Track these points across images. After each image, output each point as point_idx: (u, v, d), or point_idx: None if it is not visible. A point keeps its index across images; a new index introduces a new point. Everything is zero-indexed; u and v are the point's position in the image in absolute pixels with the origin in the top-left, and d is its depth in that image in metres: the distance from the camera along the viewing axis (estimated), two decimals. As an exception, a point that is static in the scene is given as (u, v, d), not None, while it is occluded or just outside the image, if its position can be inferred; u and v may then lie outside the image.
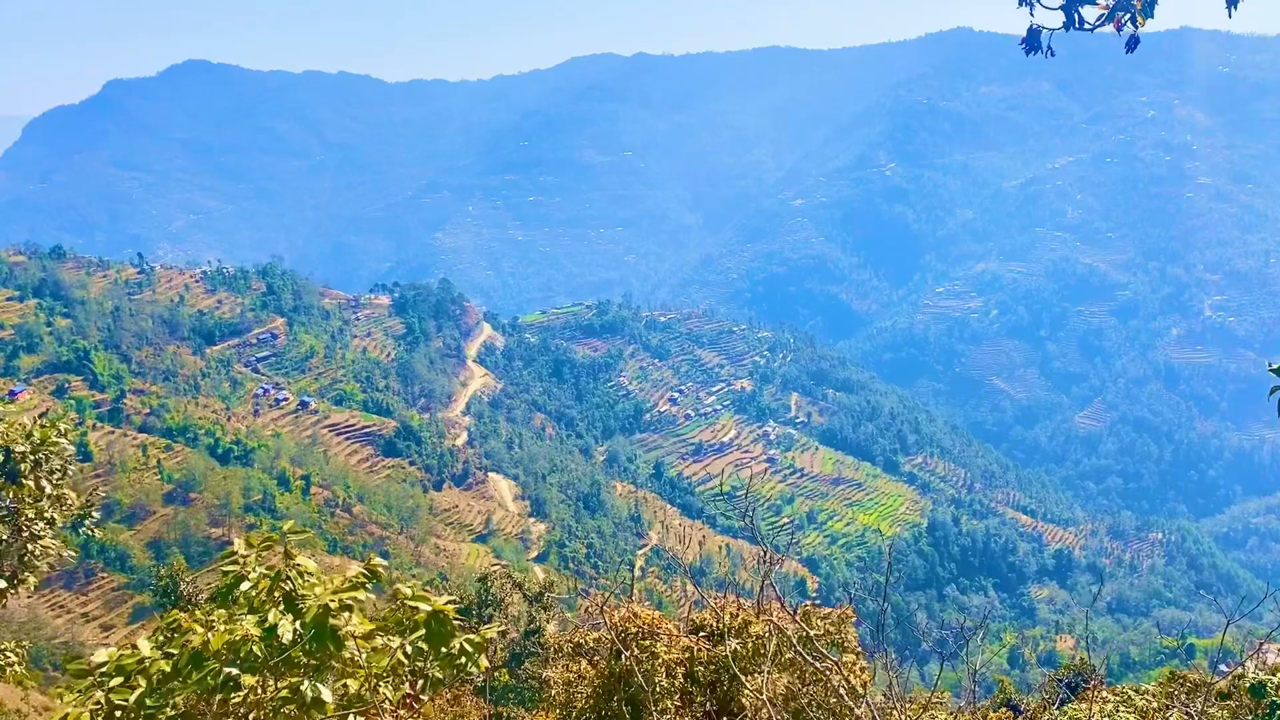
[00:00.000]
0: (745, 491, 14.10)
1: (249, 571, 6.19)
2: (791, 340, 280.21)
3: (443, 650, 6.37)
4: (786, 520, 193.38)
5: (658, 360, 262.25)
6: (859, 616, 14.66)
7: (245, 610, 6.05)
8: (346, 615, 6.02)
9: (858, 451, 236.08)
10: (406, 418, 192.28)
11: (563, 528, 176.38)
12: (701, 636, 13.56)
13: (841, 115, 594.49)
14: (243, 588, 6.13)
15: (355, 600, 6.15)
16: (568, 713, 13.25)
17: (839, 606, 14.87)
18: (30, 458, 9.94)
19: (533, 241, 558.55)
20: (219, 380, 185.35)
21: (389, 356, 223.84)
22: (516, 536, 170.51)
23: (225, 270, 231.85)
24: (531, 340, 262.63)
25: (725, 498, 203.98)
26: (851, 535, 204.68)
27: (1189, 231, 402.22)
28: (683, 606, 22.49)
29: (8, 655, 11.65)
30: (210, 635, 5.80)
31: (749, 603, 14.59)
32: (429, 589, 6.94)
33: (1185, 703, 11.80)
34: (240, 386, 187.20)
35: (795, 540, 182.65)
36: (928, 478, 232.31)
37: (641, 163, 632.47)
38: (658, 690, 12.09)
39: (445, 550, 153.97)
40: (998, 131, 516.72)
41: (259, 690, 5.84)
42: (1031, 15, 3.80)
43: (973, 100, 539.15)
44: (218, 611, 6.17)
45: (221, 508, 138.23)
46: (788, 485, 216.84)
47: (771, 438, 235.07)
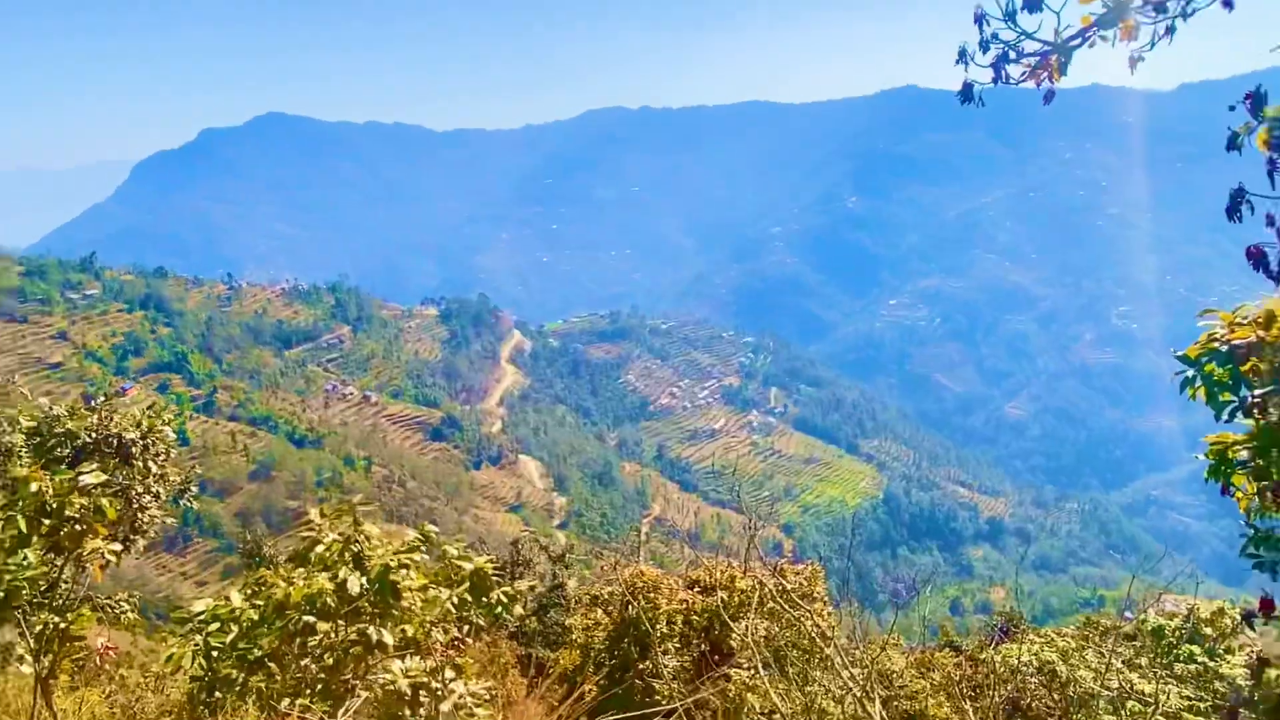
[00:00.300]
0: (733, 470, 14.12)
1: (322, 536, 6.21)
2: (771, 344, 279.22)
3: (483, 601, 6.39)
4: (767, 493, 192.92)
5: (660, 360, 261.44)
6: (827, 572, 14.67)
7: (319, 568, 6.07)
8: (404, 572, 6.05)
9: (825, 436, 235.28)
10: (450, 409, 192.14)
11: (581, 500, 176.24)
12: (696, 590, 13.59)
13: (811, 157, 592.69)
14: (317, 550, 6.14)
15: (411, 560, 6.18)
16: (587, 653, 13.30)
17: (809, 563, 14.88)
18: (140, 443, 10.00)
19: (555, 262, 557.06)
20: (295, 378, 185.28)
21: (436, 358, 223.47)
22: (543, 508, 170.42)
23: (300, 286, 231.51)
24: (554, 344, 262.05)
25: (716, 475, 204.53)
26: (820, 506, 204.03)
27: (1100, 253, 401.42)
28: (681, 565, 22.46)
29: (122, 606, 11.71)
30: (290, 589, 5.84)
31: (736, 562, 14.61)
32: (471, 550, 6.94)
33: (1098, 643, 11.79)
34: (313, 383, 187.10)
35: (774, 510, 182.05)
36: (883, 457, 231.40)
37: (646, 196, 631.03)
38: (660, 634, 12.14)
39: (483, 519, 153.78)
40: (940, 171, 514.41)
41: (331, 635, 5.87)
42: (966, 72, 3.93)
43: (920, 145, 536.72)
44: (296, 570, 6.19)
45: (297, 484, 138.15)
46: (767, 464, 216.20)
47: (754, 425, 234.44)
